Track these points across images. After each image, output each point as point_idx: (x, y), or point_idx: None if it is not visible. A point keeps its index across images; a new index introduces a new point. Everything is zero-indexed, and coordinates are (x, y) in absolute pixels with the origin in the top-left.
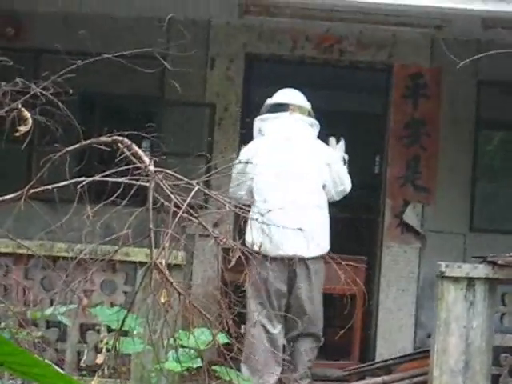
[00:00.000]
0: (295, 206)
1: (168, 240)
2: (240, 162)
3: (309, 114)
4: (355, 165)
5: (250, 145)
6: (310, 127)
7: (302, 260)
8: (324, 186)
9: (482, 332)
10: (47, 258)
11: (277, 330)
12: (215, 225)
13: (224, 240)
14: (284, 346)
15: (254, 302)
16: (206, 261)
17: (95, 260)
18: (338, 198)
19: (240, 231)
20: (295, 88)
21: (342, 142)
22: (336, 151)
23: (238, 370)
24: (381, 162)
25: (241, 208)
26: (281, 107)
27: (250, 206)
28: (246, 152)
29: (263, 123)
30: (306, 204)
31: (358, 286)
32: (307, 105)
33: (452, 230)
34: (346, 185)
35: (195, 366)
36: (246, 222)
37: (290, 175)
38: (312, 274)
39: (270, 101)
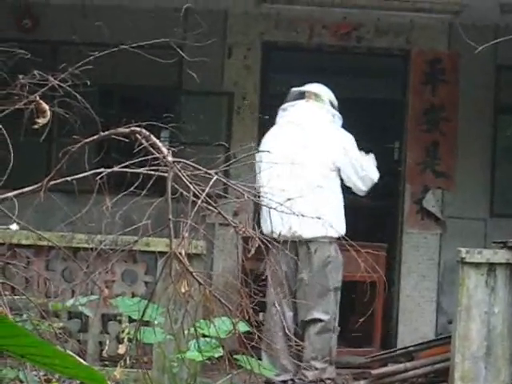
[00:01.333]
0: (296, 190)
1: (187, 230)
2: (258, 152)
3: (331, 105)
4: (374, 151)
5: (267, 134)
6: (326, 114)
7: (304, 242)
8: (339, 170)
9: (504, 317)
10: (68, 249)
11: (288, 315)
12: (235, 214)
13: (243, 229)
14: (296, 331)
15: (272, 290)
16: (226, 250)
17: (116, 251)
18: (364, 188)
19: (259, 220)
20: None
21: (372, 156)
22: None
23: (259, 358)
24: (400, 148)
25: (260, 197)
26: (299, 95)
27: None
28: (263, 141)
29: (282, 112)
30: (308, 187)
31: (378, 273)
32: (326, 94)
33: (472, 216)
34: (370, 172)
35: (216, 355)
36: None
37: (294, 160)
38: (313, 256)
39: (292, 90)
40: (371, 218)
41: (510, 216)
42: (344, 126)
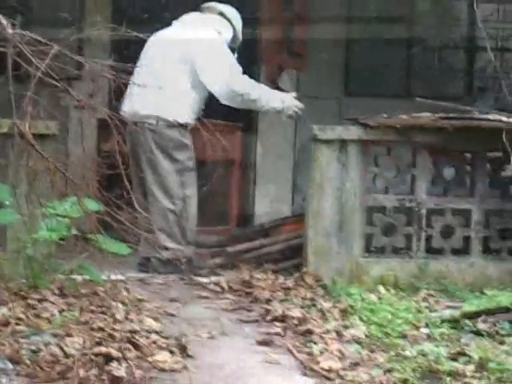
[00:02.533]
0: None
1: (32, 108)
2: None
3: (232, 28)
4: None
5: None
6: (211, 23)
7: (143, 124)
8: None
9: (356, 193)
10: None
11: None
12: (90, 96)
13: (98, 110)
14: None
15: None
16: (81, 132)
17: None
18: (216, 89)
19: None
20: None
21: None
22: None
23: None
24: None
25: (116, 77)
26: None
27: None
28: None
29: None
30: (161, 75)
31: (234, 152)
32: (228, 12)
33: (327, 95)
34: (222, 79)
35: (68, 234)
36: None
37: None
38: (150, 138)
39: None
40: None
41: (363, 95)
42: None
